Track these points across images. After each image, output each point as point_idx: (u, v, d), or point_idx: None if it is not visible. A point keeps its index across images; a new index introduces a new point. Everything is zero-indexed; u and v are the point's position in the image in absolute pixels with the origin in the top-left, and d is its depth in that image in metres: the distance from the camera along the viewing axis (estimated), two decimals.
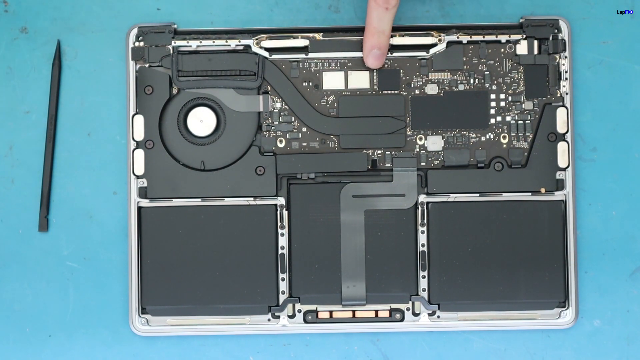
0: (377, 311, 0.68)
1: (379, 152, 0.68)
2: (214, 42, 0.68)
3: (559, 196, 0.68)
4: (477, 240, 0.68)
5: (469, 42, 0.68)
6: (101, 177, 0.69)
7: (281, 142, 0.68)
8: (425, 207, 0.68)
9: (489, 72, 0.68)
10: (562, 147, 0.68)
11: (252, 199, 0.68)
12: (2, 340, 0.69)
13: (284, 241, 0.68)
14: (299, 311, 0.68)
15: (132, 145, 0.68)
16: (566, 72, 0.68)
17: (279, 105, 0.68)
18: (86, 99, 0.69)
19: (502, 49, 0.68)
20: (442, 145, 0.68)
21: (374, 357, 0.69)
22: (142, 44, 0.68)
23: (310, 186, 0.68)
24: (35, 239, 0.69)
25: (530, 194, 0.68)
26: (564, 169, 0.68)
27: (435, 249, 0.68)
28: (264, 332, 0.68)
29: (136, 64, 0.68)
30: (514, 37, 0.68)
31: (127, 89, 0.68)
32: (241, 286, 0.68)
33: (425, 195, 0.68)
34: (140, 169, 0.68)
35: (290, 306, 0.68)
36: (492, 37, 0.68)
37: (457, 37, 0.68)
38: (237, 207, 0.68)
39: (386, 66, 0.68)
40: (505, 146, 0.68)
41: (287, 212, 0.68)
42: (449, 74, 0.68)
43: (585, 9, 0.70)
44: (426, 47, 0.68)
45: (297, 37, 0.68)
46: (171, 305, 0.68)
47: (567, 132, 0.68)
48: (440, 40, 0.68)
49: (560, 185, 0.68)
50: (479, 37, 0.68)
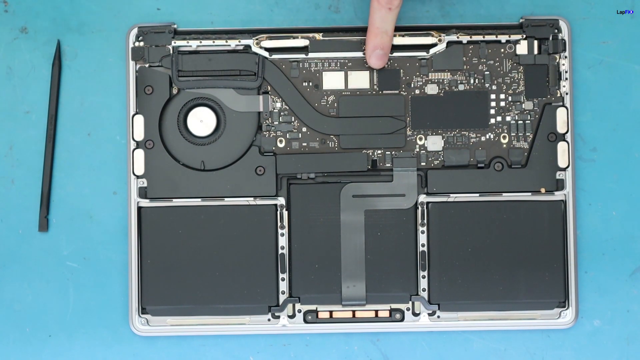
0: (377, 311, 0.68)
1: (379, 152, 0.68)
2: (214, 42, 0.68)
3: (559, 196, 0.68)
4: (477, 240, 0.68)
5: (469, 42, 0.68)
6: (101, 177, 0.69)
7: (281, 142, 0.68)
8: (425, 207, 0.68)
9: (489, 72, 0.68)
10: (562, 147, 0.68)
11: (252, 199, 0.68)
12: (2, 340, 0.69)
13: (284, 241, 0.68)
14: (299, 311, 0.68)
15: (132, 145, 0.68)
16: (566, 72, 0.68)
17: (279, 105, 0.68)
18: (86, 99, 0.69)
19: (502, 49, 0.68)
20: (442, 145, 0.68)
21: (374, 357, 0.69)
22: (142, 44, 0.68)
23: (310, 186, 0.68)
24: (35, 239, 0.69)
25: (530, 194, 0.68)
26: (564, 169, 0.68)
27: (435, 249, 0.68)
28: (264, 332, 0.68)
29: (136, 64, 0.68)
30: (514, 37, 0.68)
31: (127, 89, 0.68)
32: (241, 286, 0.68)
33: (425, 195, 0.68)
34: (140, 169, 0.68)
35: (290, 306, 0.68)
36: (492, 37, 0.68)
37: (457, 37, 0.68)
38: (237, 207, 0.68)
39: (386, 66, 0.68)
40: (505, 146, 0.68)
41: (287, 212, 0.68)
42: (449, 74, 0.68)
43: (585, 9, 0.70)
44: (426, 47, 0.68)
45: (297, 37, 0.68)
46: (171, 305, 0.68)
47: (567, 132, 0.68)
48: (440, 40, 0.68)
49: (560, 185, 0.68)
50: (479, 37, 0.68)
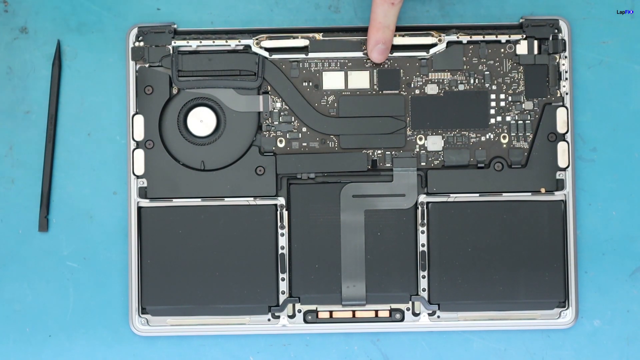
0: (377, 311, 0.68)
1: (379, 152, 0.68)
2: (214, 42, 0.68)
3: (559, 196, 0.68)
4: (477, 240, 0.68)
5: (469, 42, 0.68)
6: (101, 177, 0.69)
7: (281, 142, 0.68)
8: (425, 207, 0.68)
9: (489, 72, 0.68)
10: (562, 147, 0.68)
11: (252, 199, 0.68)
12: (2, 340, 0.69)
13: (284, 241, 0.68)
14: (299, 311, 0.68)
15: (132, 145, 0.68)
16: (566, 72, 0.68)
17: (279, 105, 0.68)
18: (86, 99, 0.69)
19: (502, 49, 0.68)
20: (442, 145, 0.68)
21: (374, 357, 0.69)
22: (142, 44, 0.68)
23: (310, 186, 0.68)
24: (35, 239, 0.69)
25: (530, 194, 0.68)
26: (564, 169, 0.68)
27: (435, 249, 0.68)
28: (264, 332, 0.68)
29: (136, 64, 0.68)
30: (514, 37, 0.68)
31: (127, 89, 0.68)
32: (241, 286, 0.68)
33: (425, 195, 0.68)
34: (140, 169, 0.68)
35: (290, 306, 0.68)
36: (492, 37, 0.68)
37: (457, 37, 0.68)
38: (237, 207, 0.68)
39: (386, 66, 0.68)
40: (505, 146, 0.68)
41: (287, 212, 0.68)
42: (449, 74, 0.68)
43: (585, 9, 0.70)
44: (426, 47, 0.68)
45: (297, 37, 0.68)
46: (171, 305, 0.68)
47: (567, 132, 0.68)
48: (440, 40, 0.68)
49: (560, 185, 0.68)
50: (479, 37, 0.68)
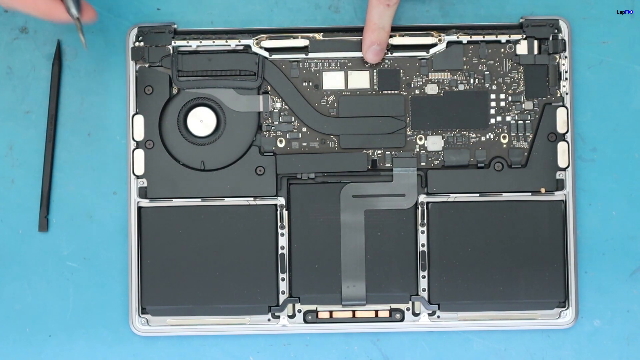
0: (377, 311, 0.68)
1: (379, 152, 0.68)
2: (214, 42, 0.68)
3: (559, 196, 0.68)
4: (477, 240, 0.68)
5: (469, 42, 0.68)
6: (101, 177, 0.69)
7: (281, 142, 0.68)
8: (425, 207, 0.68)
9: (489, 72, 0.68)
10: (562, 147, 0.68)
11: (252, 199, 0.68)
12: (2, 340, 0.69)
13: (284, 241, 0.68)
14: (299, 311, 0.68)
15: (132, 145, 0.68)
16: (566, 72, 0.68)
17: (279, 105, 0.68)
18: (86, 99, 0.69)
19: (502, 49, 0.68)
20: (442, 145, 0.68)
21: (374, 357, 0.69)
22: (142, 44, 0.68)
23: (310, 186, 0.68)
24: (35, 239, 0.69)
25: (530, 194, 0.68)
26: (564, 169, 0.68)
27: (435, 249, 0.68)
28: (264, 332, 0.68)
29: (136, 64, 0.68)
30: (514, 37, 0.68)
31: (127, 89, 0.68)
32: (241, 286, 0.68)
33: (425, 195, 0.68)
34: (140, 169, 0.68)
35: (290, 306, 0.68)
36: (492, 37, 0.68)
37: (457, 37, 0.68)
38: (237, 207, 0.68)
39: (386, 66, 0.68)
40: (505, 146, 0.68)
41: (287, 212, 0.68)
42: (449, 74, 0.68)
43: (585, 9, 0.70)
44: (426, 47, 0.68)
45: (297, 37, 0.68)
46: (171, 305, 0.68)
47: (567, 132, 0.68)
48: (440, 40, 0.68)
49: (560, 185, 0.68)
50: (479, 37, 0.68)
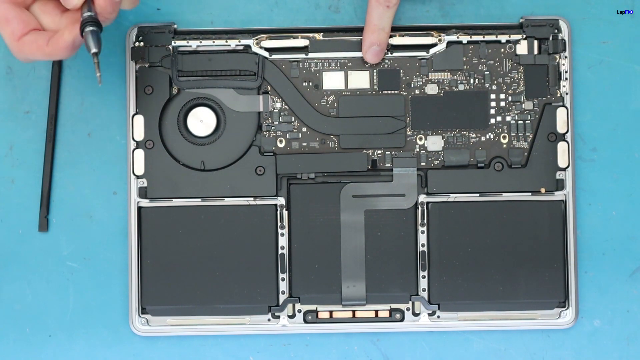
0: (377, 311, 0.68)
1: (379, 152, 0.68)
2: (214, 42, 0.68)
3: (559, 196, 0.68)
4: (477, 240, 0.68)
5: (469, 42, 0.68)
6: (101, 177, 0.69)
7: (281, 142, 0.68)
8: (425, 207, 0.68)
9: (489, 72, 0.68)
10: (562, 147, 0.68)
11: (252, 199, 0.68)
12: (2, 340, 0.69)
13: (284, 241, 0.68)
14: (299, 311, 0.68)
15: (132, 145, 0.68)
16: (566, 72, 0.68)
17: (279, 105, 0.68)
18: (86, 99, 0.69)
19: (502, 49, 0.68)
20: (442, 145, 0.68)
21: (374, 357, 0.69)
22: (142, 44, 0.68)
23: (310, 186, 0.68)
24: (35, 239, 0.69)
25: (530, 194, 0.68)
26: (564, 169, 0.68)
27: (435, 249, 0.68)
28: (264, 332, 0.68)
29: (136, 64, 0.68)
30: (514, 37, 0.68)
31: (127, 89, 0.68)
32: (241, 286, 0.68)
33: (425, 195, 0.68)
34: (140, 169, 0.68)
35: (290, 306, 0.68)
36: (492, 37, 0.68)
37: (457, 37, 0.68)
38: (237, 207, 0.68)
39: (386, 66, 0.68)
40: (505, 146, 0.68)
41: (287, 212, 0.68)
42: (449, 74, 0.68)
43: (585, 9, 0.70)
44: (426, 47, 0.68)
45: (297, 37, 0.68)
46: (171, 305, 0.68)
47: (567, 132, 0.68)
48: (440, 40, 0.68)
49: (560, 185, 0.68)
50: (479, 37, 0.68)
